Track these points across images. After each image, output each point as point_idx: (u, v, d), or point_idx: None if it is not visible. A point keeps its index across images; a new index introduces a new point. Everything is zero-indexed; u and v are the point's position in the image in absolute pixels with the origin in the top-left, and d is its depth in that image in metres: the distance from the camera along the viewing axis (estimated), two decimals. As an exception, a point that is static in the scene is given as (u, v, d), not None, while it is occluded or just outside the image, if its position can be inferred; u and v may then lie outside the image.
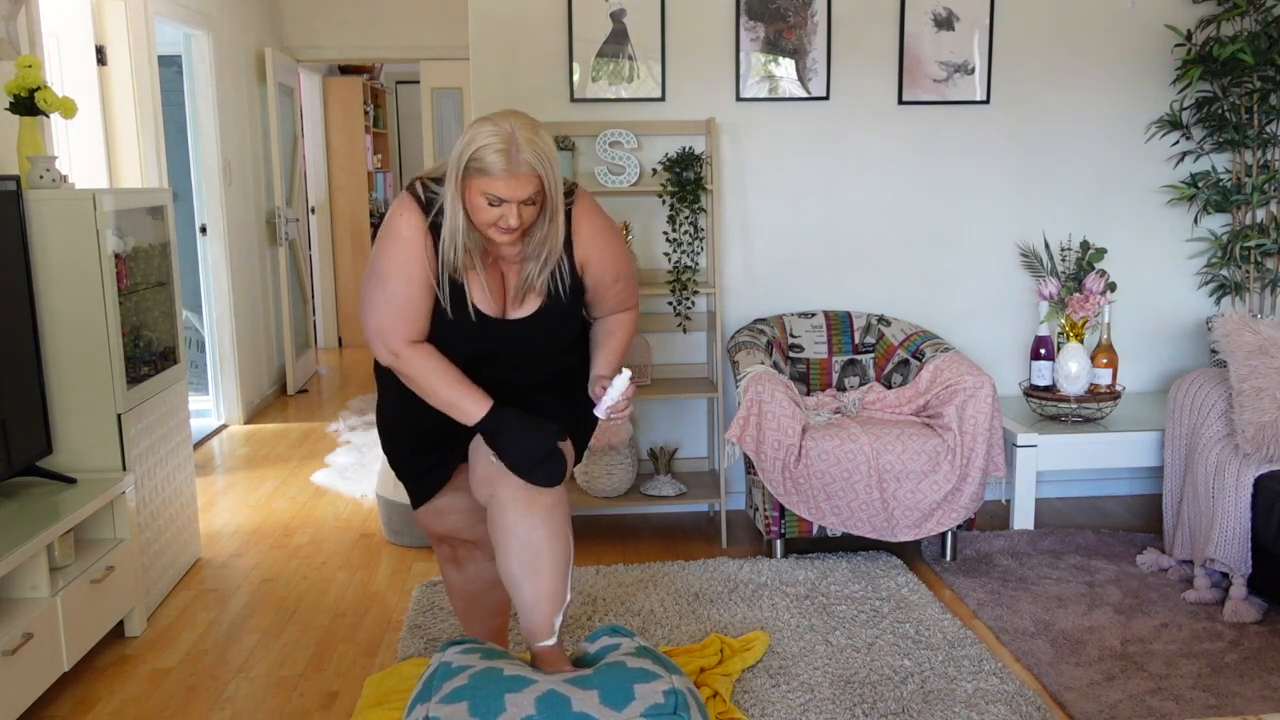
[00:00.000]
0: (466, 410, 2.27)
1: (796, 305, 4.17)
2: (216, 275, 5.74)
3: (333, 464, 4.97)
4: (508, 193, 2.11)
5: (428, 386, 2.27)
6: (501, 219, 2.15)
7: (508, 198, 2.12)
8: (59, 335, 3.07)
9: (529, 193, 2.13)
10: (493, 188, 2.11)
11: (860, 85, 4.07)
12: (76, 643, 2.78)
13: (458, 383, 2.27)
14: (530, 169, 2.11)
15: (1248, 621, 3.09)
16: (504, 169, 2.09)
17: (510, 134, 2.10)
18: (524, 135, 2.11)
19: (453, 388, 2.26)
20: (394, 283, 2.23)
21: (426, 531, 2.61)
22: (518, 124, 2.12)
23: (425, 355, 2.27)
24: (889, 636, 3.03)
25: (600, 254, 2.36)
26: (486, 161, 2.09)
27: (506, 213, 2.14)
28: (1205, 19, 4.06)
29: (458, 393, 2.26)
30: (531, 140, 2.11)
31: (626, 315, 2.49)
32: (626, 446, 3.87)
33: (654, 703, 2.07)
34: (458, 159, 2.14)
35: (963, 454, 3.43)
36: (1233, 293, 4.16)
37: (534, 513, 2.26)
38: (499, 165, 2.09)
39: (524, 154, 2.10)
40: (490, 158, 2.09)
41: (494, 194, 2.11)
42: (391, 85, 9.75)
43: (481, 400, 2.27)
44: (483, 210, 2.14)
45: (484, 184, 2.11)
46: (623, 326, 2.48)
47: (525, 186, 2.12)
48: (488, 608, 2.72)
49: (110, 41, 4.74)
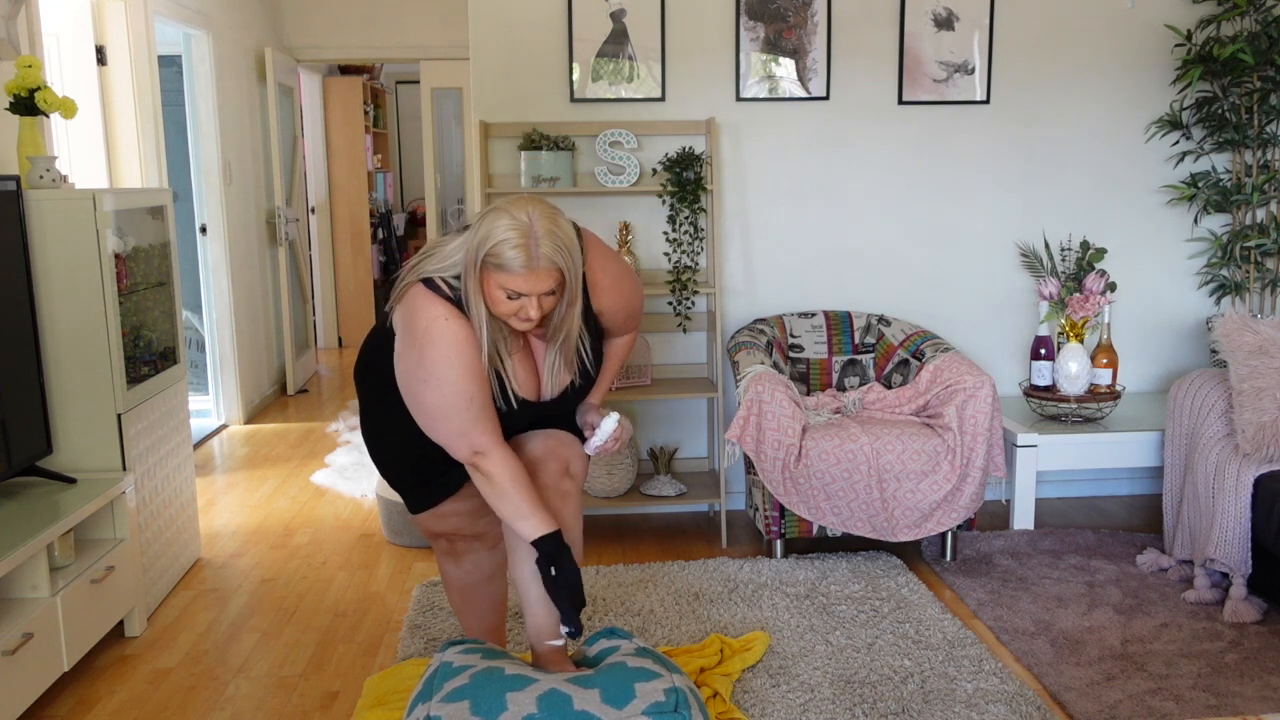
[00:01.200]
0: (533, 524, 2.19)
1: (796, 305, 4.17)
2: (216, 275, 5.74)
3: (333, 464, 4.97)
4: (527, 287, 2.06)
5: (503, 492, 2.19)
6: (521, 310, 2.10)
7: (527, 292, 2.07)
8: (59, 335, 3.07)
9: (549, 286, 2.08)
10: (511, 283, 2.06)
11: (860, 85, 4.07)
12: (76, 643, 2.78)
13: (532, 494, 2.20)
14: (550, 263, 2.06)
15: (1248, 621, 3.09)
16: (523, 264, 2.03)
17: (529, 227, 2.04)
18: (543, 227, 2.05)
19: (526, 499, 2.19)
20: (468, 386, 2.14)
21: (425, 531, 2.62)
22: (536, 215, 2.06)
23: (510, 461, 2.19)
24: (889, 636, 3.03)
25: (614, 301, 2.36)
26: (505, 257, 2.03)
27: (526, 305, 2.09)
28: (1205, 19, 4.06)
29: (531, 505, 2.19)
30: (551, 232, 2.05)
31: (628, 338, 2.54)
32: (627, 446, 3.87)
33: (655, 701, 2.07)
34: (475, 252, 2.07)
35: (963, 454, 3.43)
36: (1233, 293, 4.16)
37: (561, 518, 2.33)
38: (518, 261, 2.03)
39: (543, 248, 2.04)
40: (509, 254, 2.03)
41: (513, 289, 2.06)
42: (391, 85, 9.75)
43: (548, 519, 2.20)
44: (501, 303, 2.10)
45: (502, 279, 2.06)
46: (620, 352, 2.53)
47: (545, 280, 2.07)
48: (485, 601, 2.73)
49: (110, 41, 4.74)
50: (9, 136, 3.40)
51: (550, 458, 2.39)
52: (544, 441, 2.42)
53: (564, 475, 2.39)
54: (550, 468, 2.38)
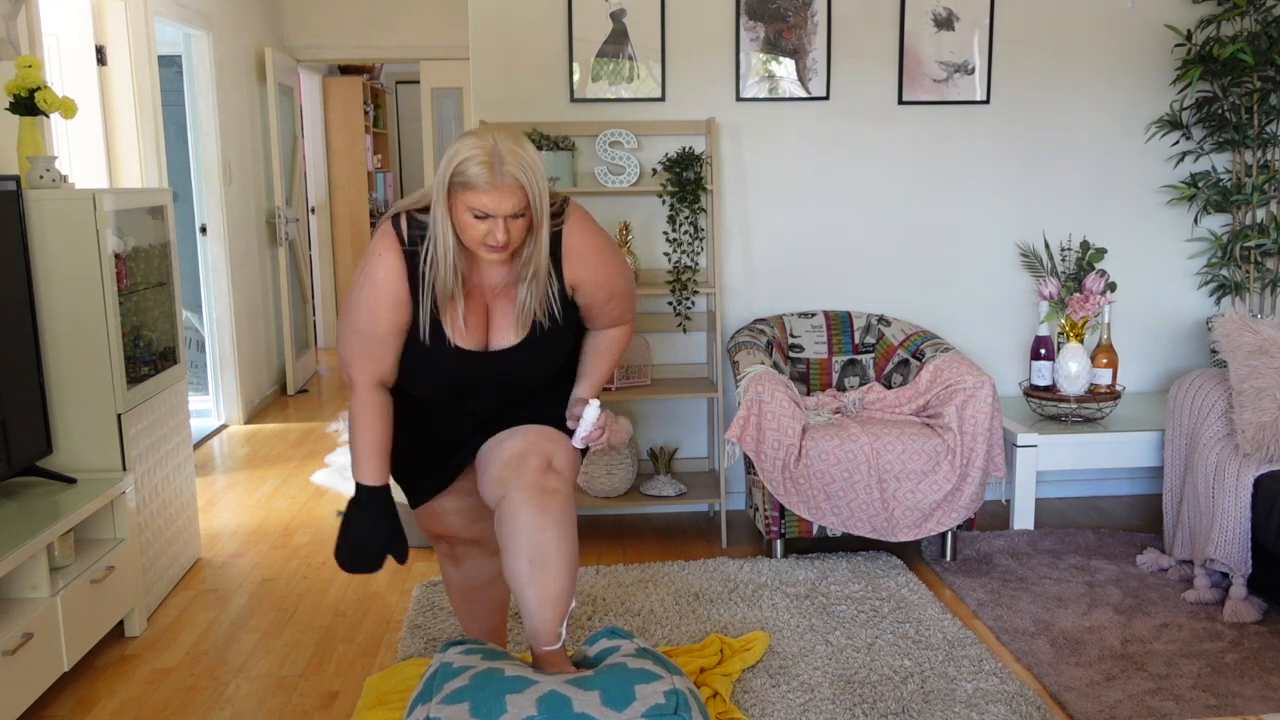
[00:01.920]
0: (359, 471, 2.30)
1: (796, 305, 4.17)
2: (216, 275, 5.74)
3: (333, 464, 4.97)
4: (493, 205, 2.08)
5: (354, 430, 2.30)
6: (489, 234, 2.12)
7: (493, 211, 2.09)
8: (59, 335, 3.07)
9: (515, 206, 2.10)
10: (477, 201, 2.08)
11: (860, 85, 4.07)
12: (76, 643, 2.78)
13: (372, 442, 2.29)
14: (515, 180, 2.08)
15: (1248, 621, 3.09)
16: (488, 181, 2.07)
17: (493, 147, 2.07)
18: (507, 147, 2.08)
19: (366, 443, 2.29)
20: (363, 325, 2.22)
21: (424, 531, 2.62)
22: (501, 137, 2.10)
23: (369, 401, 2.29)
24: (889, 636, 3.03)
25: (592, 274, 2.31)
26: (470, 174, 2.07)
27: (494, 228, 2.11)
28: (1205, 19, 4.06)
29: (366, 451, 2.29)
30: (515, 152, 2.08)
31: (619, 331, 2.45)
32: (626, 446, 3.87)
33: (655, 703, 2.07)
34: (442, 174, 2.12)
35: (963, 454, 3.43)
36: (1233, 293, 4.16)
37: (546, 514, 2.24)
38: (483, 178, 2.06)
39: (508, 165, 2.07)
40: (474, 170, 2.07)
41: (479, 207, 2.09)
42: (391, 85, 9.75)
43: (374, 470, 2.30)
44: (470, 227, 2.12)
45: (469, 198, 2.09)
46: (613, 346, 2.44)
47: (510, 199, 2.09)
48: (485, 604, 2.72)
49: (110, 41, 4.74)
50: (9, 136, 3.40)
51: (531, 453, 2.30)
52: (524, 437, 2.34)
53: (547, 470, 2.29)
54: (531, 463, 2.28)
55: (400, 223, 2.21)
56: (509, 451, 2.32)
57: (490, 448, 2.37)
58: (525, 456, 2.30)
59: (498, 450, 2.34)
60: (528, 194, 2.11)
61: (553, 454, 2.33)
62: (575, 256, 2.28)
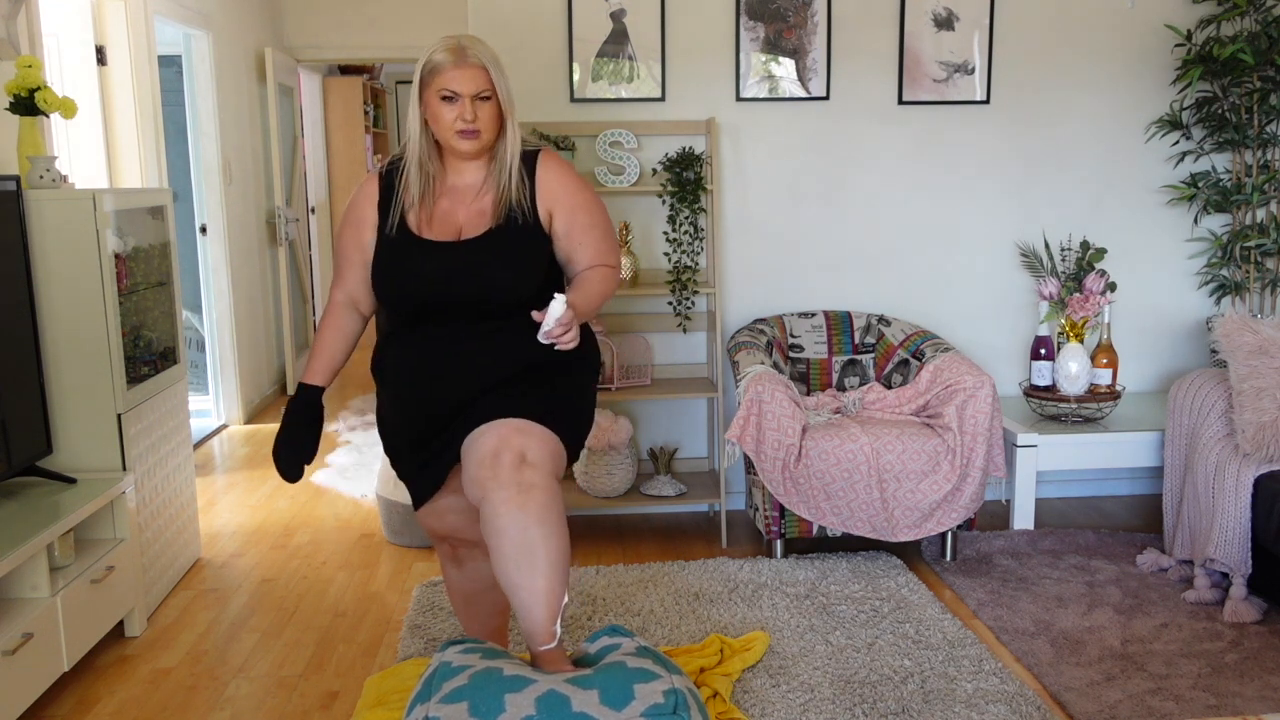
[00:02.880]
0: (309, 368, 2.51)
1: (796, 305, 4.17)
2: (216, 275, 5.74)
3: (333, 464, 4.97)
4: (459, 85, 2.30)
5: (316, 337, 2.54)
6: (459, 118, 2.31)
7: (460, 91, 2.30)
8: (59, 335, 3.07)
9: (479, 85, 2.32)
10: (445, 81, 2.31)
11: (860, 85, 4.07)
12: (76, 643, 2.78)
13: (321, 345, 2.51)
14: (478, 60, 2.32)
15: (1248, 621, 3.09)
16: (453, 62, 2.31)
17: (457, 38, 2.35)
18: (469, 39, 2.35)
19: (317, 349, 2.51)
20: (337, 246, 2.51)
21: (428, 531, 2.62)
22: (464, 35, 2.38)
23: (333, 317, 2.52)
24: (889, 636, 3.03)
25: (569, 198, 2.44)
26: (435, 59, 2.32)
27: (463, 110, 2.31)
28: (1205, 19, 4.06)
29: (316, 353, 2.51)
30: (476, 41, 2.35)
31: (606, 270, 2.44)
32: (626, 446, 3.87)
33: (654, 702, 2.07)
34: (416, 75, 2.36)
35: (963, 454, 3.43)
36: (1233, 293, 4.16)
37: (526, 512, 2.20)
38: (448, 60, 2.31)
39: (470, 49, 2.32)
40: (439, 56, 2.32)
41: (448, 88, 2.31)
42: (391, 85, 9.75)
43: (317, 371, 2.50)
44: (443, 116, 2.33)
45: (438, 82, 2.32)
46: (600, 275, 2.43)
47: (476, 79, 2.31)
48: (486, 606, 2.72)
49: (110, 41, 4.74)
50: (9, 136, 3.40)
51: (504, 449, 2.24)
52: (497, 431, 2.28)
53: (521, 465, 2.23)
54: (505, 460, 2.23)
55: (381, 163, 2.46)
56: (483, 449, 2.27)
57: (468, 444, 2.32)
58: (498, 454, 2.25)
59: (474, 448, 2.29)
60: (490, 75, 2.33)
61: (525, 448, 2.27)
62: (549, 180, 2.44)
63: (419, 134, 2.38)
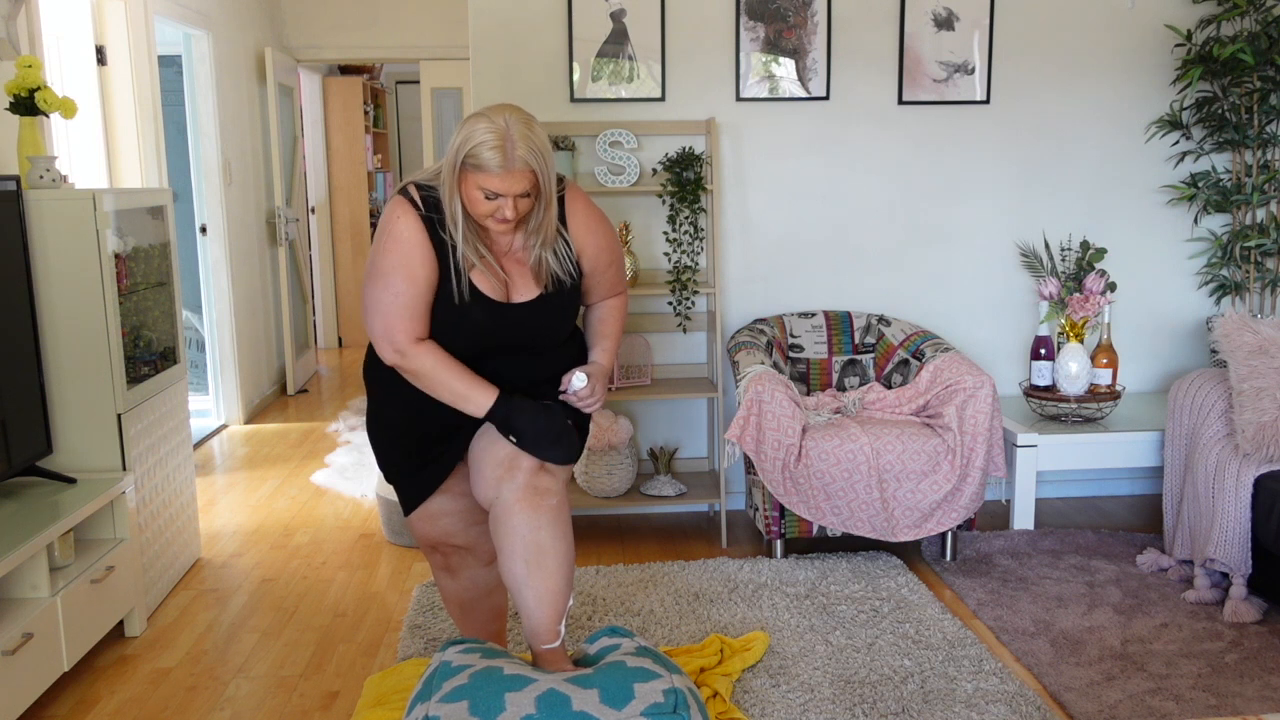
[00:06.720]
0: (476, 400, 2.30)
1: (796, 305, 4.17)
2: (216, 275, 5.74)
3: (333, 464, 4.97)
4: (503, 188, 2.17)
5: (437, 380, 2.29)
6: (497, 211, 2.20)
7: (504, 192, 2.17)
8: (59, 335, 3.07)
9: (524, 187, 2.19)
10: (489, 183, 2.17)
11: (860, 85, 4.07)
12: (76, 643, 2.78)
13: (466, 374, 2.30)
14: (525, 165, 2.16)
15: (1248, 621, 3.09)
16: (500, 165, 2.14)
17: (505, 130, 2.15)
18: (519, 131, 2.16)
19: (462, 380, 2.30)
20: (397, 282, 2.25)
21: (419, 539, 2.60)
22: (512, 119, 2.17)
23: (431, 350, 2.30)
24: (889, 636, 3.03)
25: (595, 239, 2.42)
26: (483, 158, 2.14)
27: (503, 206, 2.19)
28: (1205, 19, 4.06)
29: (467, 384, 2.29)
30: (526, 136, 2.16)
31: (618, 300, 2.56)
32: (626, 446, 3.87)
33: (654, 702, 2.07)
34: (454, 154, 2.19)
35: (963, 454, 3.43)
36: (1233, 293, 4.16)
37: (539, 513, 2.28)
38: (495, 162, 2.14)
39: (519, 150, 2.15)
40: (486, 154, 2.14)
41: (490, 189, 2.17)
42: (391, 85, 9.75)
43: (489, 389, 2.31)
44: (479, 203, 2.20)
45: (480, 179, 2.17)
46: (615, 313, 2.55)
47: (520, 181, 2.18)
48: (484, 613, 2.72)
49: (110, 41, 4.74)
50: (9, 136, 3.40)
51: (523, 454, 2.33)
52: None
53: (539, 470, 2.32)
54: (524, 464, 2.31)
55: (410, 191, 2.29)
56: (502, 452, 2.34)
57: (483, 446, 2.37)
58: (517, 457, 2.32)
59: (491, 450, 2.35)
60: (537, 177, 2.20)
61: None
62: (579, 222, 2.39)
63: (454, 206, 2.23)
